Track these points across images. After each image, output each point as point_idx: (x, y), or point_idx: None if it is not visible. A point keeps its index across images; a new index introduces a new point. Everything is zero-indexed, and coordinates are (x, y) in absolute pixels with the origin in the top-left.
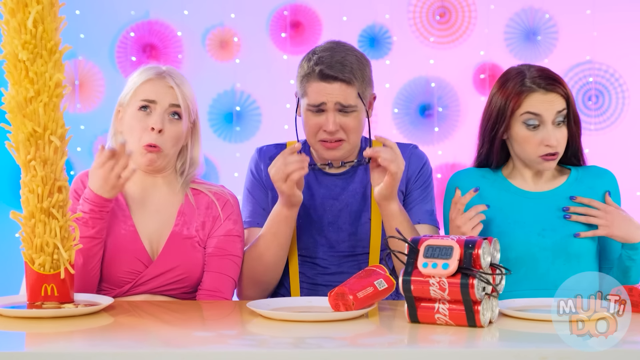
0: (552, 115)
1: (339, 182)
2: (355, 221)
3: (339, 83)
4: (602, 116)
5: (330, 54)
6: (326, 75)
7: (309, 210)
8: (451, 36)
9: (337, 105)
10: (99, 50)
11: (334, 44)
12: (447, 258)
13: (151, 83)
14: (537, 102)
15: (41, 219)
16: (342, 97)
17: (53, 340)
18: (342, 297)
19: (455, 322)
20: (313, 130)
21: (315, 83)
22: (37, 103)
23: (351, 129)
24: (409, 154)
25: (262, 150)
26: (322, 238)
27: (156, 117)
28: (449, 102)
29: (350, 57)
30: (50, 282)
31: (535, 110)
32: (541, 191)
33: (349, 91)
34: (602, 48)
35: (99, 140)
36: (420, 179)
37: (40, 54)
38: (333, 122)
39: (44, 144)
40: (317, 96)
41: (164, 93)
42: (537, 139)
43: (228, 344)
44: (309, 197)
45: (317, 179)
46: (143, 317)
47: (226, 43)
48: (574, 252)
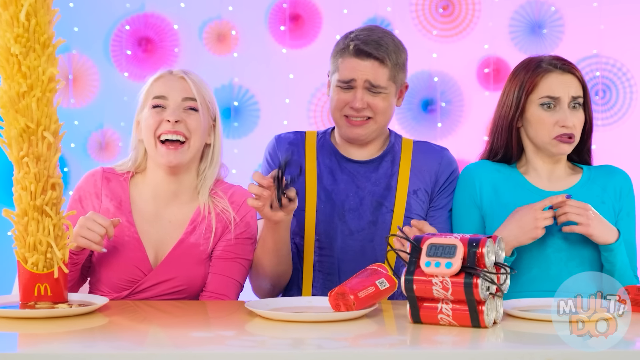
0: (568, 97)
1: (361, 170)
2: (376, 210)
3: (371, 60)
4: (610, 111)
5: (368, 33)
6: (360, 50)
7: (331, 195)
8: (454, 29)
9: (367, 84)
10: (94, 44)
11: (374, 26)
12: (450, 257)
13: (162, 80)
14: (554, 83)
15: (34, 216)
16: (373, 75)
17: (47, 341)
18: (343, 297)
19: (459, 323)
20: (339, 105)
21: (348, 59)
22: (30, 98)
23: (379, 109)
24: (440, 156)
25: (280, 137)
26: (343, 224)
27: (169, 111)
28: (452, 96)
29: (388, 39)
30: (43, 282)
31: (550, 93)
32: (556, 191)
33: (380, 71)
34: (609, 41)
35: (94, 136)
36: (448, 185)
37: (33, 48)
38: (360, 99)
39: (37, 140)
40: (348, 72)
41: (175, 87)
42: (552, 119)
43: (226, 344)
44: (331, 182)
45: (340, 166)
46: (139, 318)
47: (224, 36)
48: (588, 256)
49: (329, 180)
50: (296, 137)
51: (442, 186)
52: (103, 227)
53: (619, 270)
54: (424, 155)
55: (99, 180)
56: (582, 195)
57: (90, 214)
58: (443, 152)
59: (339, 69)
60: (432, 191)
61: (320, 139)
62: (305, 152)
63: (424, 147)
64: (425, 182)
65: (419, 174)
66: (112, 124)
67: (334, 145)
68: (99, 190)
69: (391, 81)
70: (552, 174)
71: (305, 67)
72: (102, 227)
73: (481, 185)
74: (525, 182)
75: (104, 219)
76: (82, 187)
